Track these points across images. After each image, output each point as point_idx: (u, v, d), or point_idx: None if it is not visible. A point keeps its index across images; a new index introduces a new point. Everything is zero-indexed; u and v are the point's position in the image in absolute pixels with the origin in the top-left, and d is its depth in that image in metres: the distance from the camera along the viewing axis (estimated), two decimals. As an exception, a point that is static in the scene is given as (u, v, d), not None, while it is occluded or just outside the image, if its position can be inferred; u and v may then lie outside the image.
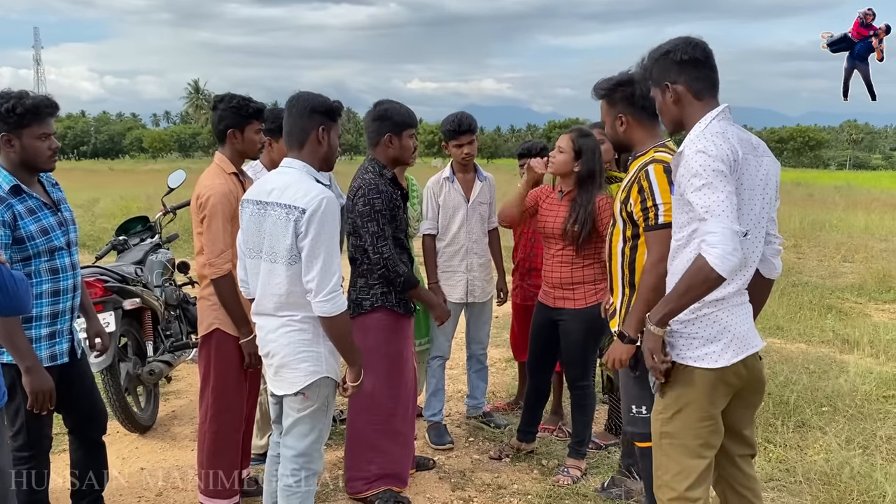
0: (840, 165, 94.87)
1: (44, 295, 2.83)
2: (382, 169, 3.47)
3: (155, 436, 4.51)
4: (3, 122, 2.72)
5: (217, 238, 3.16)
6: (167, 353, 4.64)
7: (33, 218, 2.78)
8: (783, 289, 8.38)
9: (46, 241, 2.80)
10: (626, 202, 2.78)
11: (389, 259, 3.34)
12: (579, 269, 3.77)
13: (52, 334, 2.87)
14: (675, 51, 2.40)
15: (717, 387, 2.37)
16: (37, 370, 2.70)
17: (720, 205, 2.16)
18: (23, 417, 2.81)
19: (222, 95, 3.38)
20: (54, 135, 2.85)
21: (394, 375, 3.56)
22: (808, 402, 4.87)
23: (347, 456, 3.65)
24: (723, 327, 2.35)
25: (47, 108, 2.77)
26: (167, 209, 5.23)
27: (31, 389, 2.69)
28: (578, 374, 3.91)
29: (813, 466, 3.93)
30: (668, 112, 2.48)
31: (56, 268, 2.86)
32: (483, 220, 4.46)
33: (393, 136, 3.47)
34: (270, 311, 2.76)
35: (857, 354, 6.18)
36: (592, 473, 3.96)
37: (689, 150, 2.26)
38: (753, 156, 2.36)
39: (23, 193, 2.78)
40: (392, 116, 3.48)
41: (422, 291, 3.68)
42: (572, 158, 3.71)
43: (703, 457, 2.40)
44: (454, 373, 5.59)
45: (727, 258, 2.12)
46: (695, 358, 2.36)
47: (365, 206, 3.33)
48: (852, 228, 15.43)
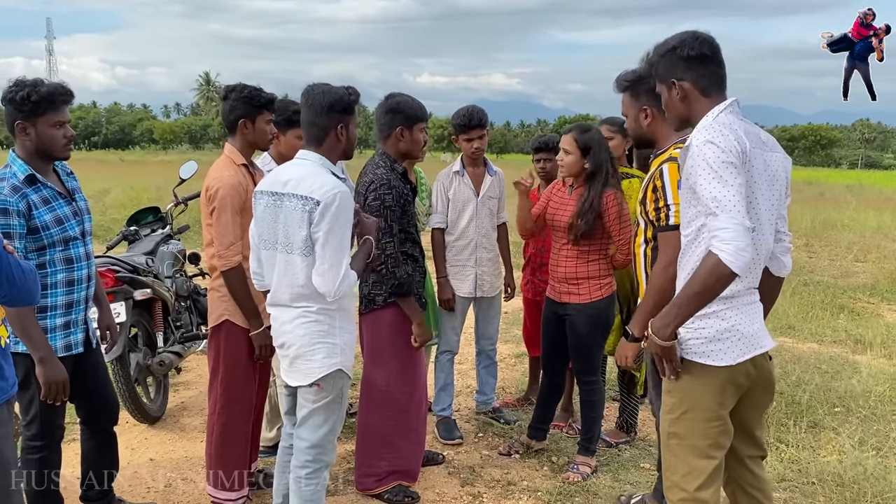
0: (852, 164, 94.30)
1: (58, 284, 2.83)
2: (394, 163, 3.44)
3: (164, 427, 4.51)
4: (18, 110, 2.71)
5: (227, 230, 3.15)
6: (177, 343, 4.64)
7: (48, 207, 2.78)
8: (795, 288, 8.32)
9: (61, 230, 2.81)
10: (644, 202, 2.75)
11: (392, 256, 3.30)
12: (584, 264, 3.74)
13: (67, 324, 2.88)
14: (681, 46, 2.35)
15: (725, 387, 2.33)
16: (50, 360, 2.70)
17: (731, 199, 2.10)
18: (36, 407, 2.82)
19: (233, 85, 3.35)
20: (69, 123, 2.84)
21: (407, 371, 3.54)
22: (821, 402, 4.82)
23: (359, 452, 3.63)
24: (731, 325, 2.30)
25: (62, 96, 2.76)
26: (178, 200, 5.23)
27: (44, 380, 2.70)
28: (585, 368, 3.89)
29: (826, 467, 3.89)
30: (674, 109, 2.44)
31: (71, 257, 2.86)
32: (492, 214, 4.44)
33: (404, 130, 3.45)
34: (286, 301, 2.75)
35: (870, 355, 6.12)
36: (603, 471, 3.93)
37: (697, 141, 2.21)
38: (761, 150, 2.30)
39: (38, 183, 2.78)
40: (404, 110, 3.46)
41: (409, 304, 3.41)
42: (580, 157, 3.68)
43: (712, 457, 2.36)
44: (463, 368, 5.57)
45: (740, 254, 2.07)
46: (701, 354, 2.32)
47: (375, 201, 3.31)
48: (864, 228, 15.30)
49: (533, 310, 4.71)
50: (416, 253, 3.50)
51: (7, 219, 2.65)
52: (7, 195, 2.66)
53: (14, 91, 2.71)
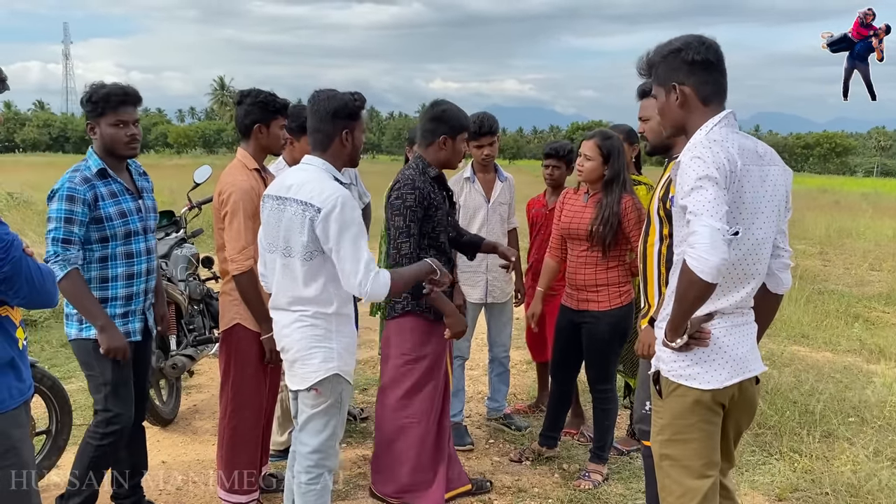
0: (867, 172, 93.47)
1: (119, 278, 3.01)
2: (427, 167, 3.41)
3: (176, 429, 4.53)
4: (86, 110, 2.95)
5: (239, 234, 3.17)
6: (190, 347, 4.66)
7: (113, 201, 2.96)
8: (809, 296, 8.25)
9: (123, 223, 2.97)
10: (665, 199, 2.69)
11: (406, 256, 3.24)
12: (604, 270, 3.73)
13: (126, 314, 3.05)
14: (686, 49, 2.23)
15: (712, 407, 2.27)
16: (109, 327, 2.90)
17: (705, 204, 2.03)
18: (104, 390, 2.96)
19: (248, 90, 3.38)
20: (134, 123, 2.99)
21: (429, 379, 3.48)
22: (835, 412, 4.78)
23: (379, 457, 3.57)
24: (718, 347, 2.23)
25: (116, 97, 2.93)
26: (192, 204, 5.25)
27: (105, 347, 2.88)
28: (600, 376, 3.87)
29: (840, 478, 3.85)
30: (669, 114, 2.32)
31: (131, 252, 3.02)
32: (503, 220, 4.44)
33: (448, 139, 3.43)
34: (285, 305, 2.77)
35: (885, 364, 6.06)
36: (614, 479, 3.91)
37: (686, 158, 2.15)
38: (758, 165, 2.22)
39: (108, 177, 2.98)
40: (450, 119, 3.44)
41: (436, 299, 3.30)
42: (601, 164, 3.67)
43: (706, 476, 2.30)
44: (474, 373, 5.57)
45: (705, 258, 1.98)
46: (687, 377, 2.25)
47: (396, 200, 3.29)
48: (880, 236, 15.15)
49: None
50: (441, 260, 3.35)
51: (72, 205, 2.84)
52: (77, 184, 2.87)
53: (84, 93, 2.95)
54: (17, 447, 2.15)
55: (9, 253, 1.98)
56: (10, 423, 2.13)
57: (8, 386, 2.13)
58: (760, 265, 2.28)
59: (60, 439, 3.68)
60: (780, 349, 6.24)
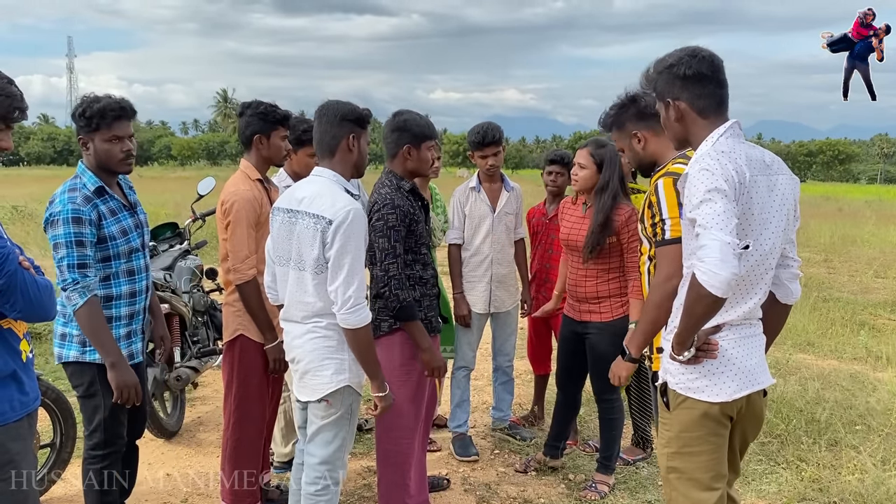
0: (871, 179, 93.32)
1: (122, 296, 2.93)
2: (400, 181, 3.28)
3: (181, 441, 4.52)
4: (78, 125, 2.84)
5: (241, 244, 3.17)
6: (194, 358, 4.66)
7: (115, 219, 2.87)
8: (814, 304, 8.23)
9: (126, 241, 2.90)
10: (643, 220, 2.71)
11: (394, 278, 3.11)
12: (605, 282, 3.72)
13: (129, 334, 2.98)
14: (678, 65, 2.24)
15: (720, 420, 2.26)
16: (121, 365, 2.80)
17: (714, 217, 2.01)
18: (101, 414, 2.88)
19: (249, 102, 3.39)
20: (130, 137, 2.89)
21: (419, 393, 3.38)
22: (841, 420, 4.75)
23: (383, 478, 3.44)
24: (726, 359, 2.21)
25: (112, 112, 2.82)
26: (196, 216, 5.27)
27: (116, 384, 2.79)
28: (605, 387, 3.84)
29: (847, 486, 3.82)
30: (671, 129, 2.34)
31: (133, 269, 2.95)
32: (509, 230, 4.43)
33: (412, 148, 3.27)
34: (297, 318, 2.77)
35: (891, 372, 6.03)
36: (620, 489, 3.89)
37: (693, 170, 2.13)
38: (765, 175, 2.20)
39: (106, 195, 2.88)
40: (411, 128, 3.28)
41: (416, 329, 3.17)
42: (596, 172, 3.67)
43: (713, 489, 2.28)
44: (479, 384, 5.55)
45: (714, 272, 1.96)
46: (695, 390, 2.24)
47: (378, 222, 3.14)
48: (884, 244, 15.11)
49: (539, 326, 4.67)
50: (426, 275, 3.32)
51: (80, 227, 2.73)
52: (80, 205, 2.75)
53: (76, 107, 2.84)
54: (15, 461, 2.12)
55: (4, 266, 1.99)
56: (9, 436, 2.11)
57: (9, 398, 2.12)
58: (768, 275, 2.27)
59: (65, 452, 3.68)
60: (785, 357, 6.21)
